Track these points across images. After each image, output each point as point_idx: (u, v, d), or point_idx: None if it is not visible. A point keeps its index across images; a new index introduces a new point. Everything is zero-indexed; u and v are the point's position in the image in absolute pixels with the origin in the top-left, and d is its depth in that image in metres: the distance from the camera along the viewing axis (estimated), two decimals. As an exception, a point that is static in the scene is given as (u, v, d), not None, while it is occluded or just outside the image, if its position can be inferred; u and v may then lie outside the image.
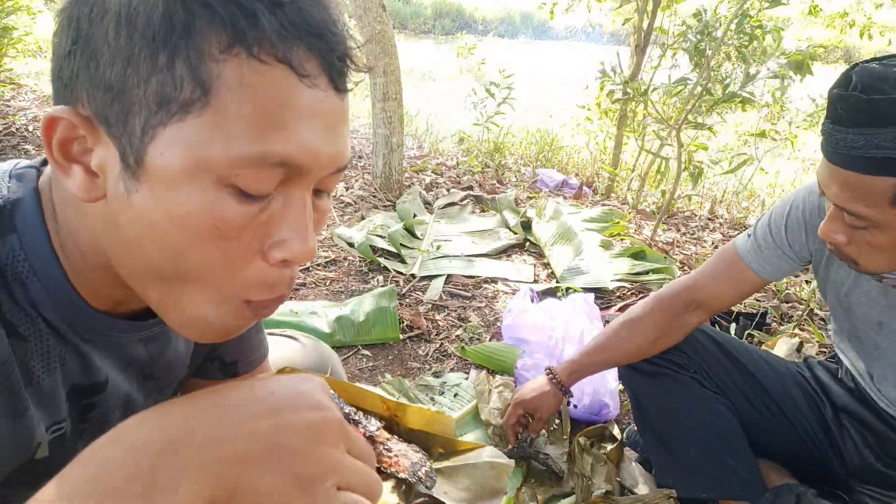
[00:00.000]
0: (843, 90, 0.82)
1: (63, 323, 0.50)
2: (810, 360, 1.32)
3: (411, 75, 8.55)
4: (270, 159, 0.40)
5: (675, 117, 3.07)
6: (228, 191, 0.40)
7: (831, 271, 1.11)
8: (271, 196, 0.42)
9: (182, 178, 0.39)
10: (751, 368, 1.23)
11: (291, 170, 0.41)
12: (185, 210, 0.40)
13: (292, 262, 0.44)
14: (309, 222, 0.44)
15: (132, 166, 0.40)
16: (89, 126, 0.41)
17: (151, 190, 0.40)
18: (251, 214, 0.41)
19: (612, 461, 1.37)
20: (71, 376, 0.52)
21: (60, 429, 0.52)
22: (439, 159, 4.20)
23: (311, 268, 2.42)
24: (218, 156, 0.39)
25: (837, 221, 0.90)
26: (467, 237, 2.85)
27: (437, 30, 16.80)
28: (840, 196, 0.86)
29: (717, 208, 3.78)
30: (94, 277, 0.49)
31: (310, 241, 0.44)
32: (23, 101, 4.57)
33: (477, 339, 2.00)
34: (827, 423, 1.20)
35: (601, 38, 15.51)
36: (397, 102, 3.11)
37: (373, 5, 2.91)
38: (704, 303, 1.19)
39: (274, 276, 0.44)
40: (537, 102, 6.52)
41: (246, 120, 0.39)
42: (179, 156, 0.39)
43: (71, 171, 0.42)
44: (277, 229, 0.43)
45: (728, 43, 2.77)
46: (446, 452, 0.77)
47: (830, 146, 0.86)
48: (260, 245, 0.43)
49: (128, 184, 0.41)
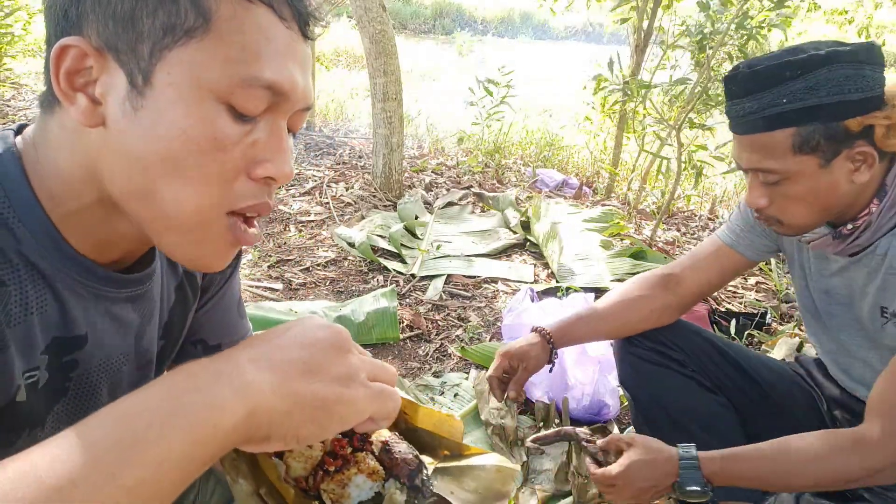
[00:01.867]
0: (733, 73, 0.98)
1: (47, 266, 0.52)
2: (802, 358, 1.33)
3: (411, 75, 8.55)
4: (260, 81, 0.47)
5: (675, 117, 3.07)
6: (224, 108, 0.47)
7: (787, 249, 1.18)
8: (257, 121, 0.49)
9: (185, 95, 0.46)
10: (746, 367, 1.24)
11: (275, 96, 0.48)
12: (189, 122, 0.46)
13: (273, 179, 0.51)
14: (287, 147, 0.51)
15: (139, 86, 0.46)
16: (98, 54, 0.47)
17: (157, 106, 0.46)
18: (242, 132, 0.48)
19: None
20: (50, 326, 0.54)
21: (33, 376, 0.53)
22: (439, 159, 4.20)
23: (311, 268, 2.43)
24: (217, 75, 0.46)
25: (755, 187, 0.99)
26: (467, 237, 2.86)
27: (438, 30, 16.80)
28: (751, 159, 0.97)
29: (717, 208, 3.78)
30: (83, 218, 0.53)
31: (288, 164, 0.51)
32: (23, 101, 4.57)
33: (477, 339, 2.00)
34: (823, 419, 1.21)
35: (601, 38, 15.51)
36: (397, 102, 3.11)
37: (373, 5, 2.91)
38: (685, 280, 1.25)
39: (255, 189, 0.51)
40: (537, 102, 6.52)
41: (239, 47, 0.46)
42: (183, 74, 0.46)
43: (75, 99, 0.47)
44: (262, 152, 0.50)
45: (729, 43, 2.77)
46: (452, 455, 0.77)
47: (733, 120, 0.98)
48: (246, 164, 0.50)
49: (134, 102, 0.46)
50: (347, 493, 0.62)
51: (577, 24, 17.33)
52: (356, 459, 0.64)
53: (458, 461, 0.75)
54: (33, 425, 0.55)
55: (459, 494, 0.71)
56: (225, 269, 0.76)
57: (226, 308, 0.78)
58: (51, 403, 0.57)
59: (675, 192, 3.13)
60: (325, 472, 0.62)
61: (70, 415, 0.59)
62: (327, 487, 0.62)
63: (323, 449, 0.63)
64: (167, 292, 0.68)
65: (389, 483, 0.65)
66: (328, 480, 0.62)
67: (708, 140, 3.20)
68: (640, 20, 3.40)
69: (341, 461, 0.63)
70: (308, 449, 0.63)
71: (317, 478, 0.62)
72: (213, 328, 0.77)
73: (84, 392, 0.60)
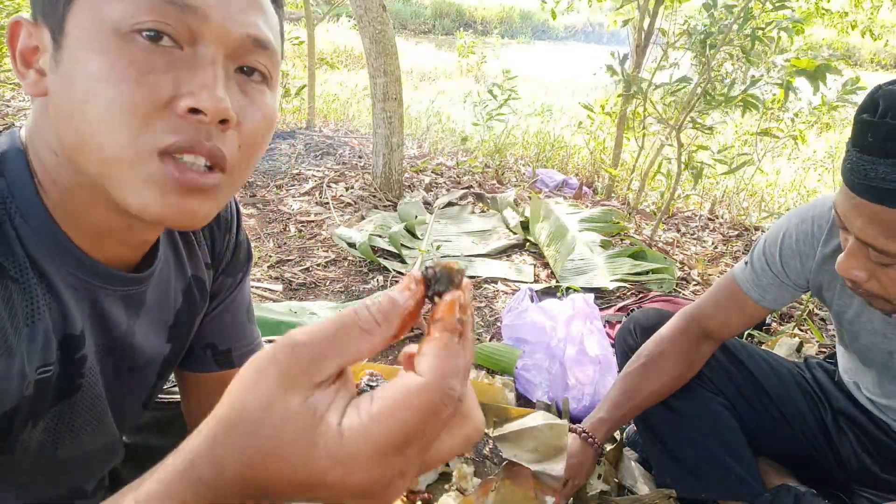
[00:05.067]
0: (872, 116, 0.75)
1: (48, 263, 0.52)
2: (810, 361, 1.32)
3: (411, 75, 8.55)
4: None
5: (676, 117, 3.07)
6: (133, 37, 0.46)
7: (833, 298, 1.09)
8: (180, 52, 0.47)
9: (92, 35, 0.46)
10: (752, 369, 1.24)
11: (186, 15, 0.46)
12: (96, 59, 0.46)
13: (199, 110, 0.47)
14: (216, 78, 0.47)
15: (57, 40, 0.47)
16: (34, 26, 0.50)
17: (71, 53, 0.47)
18: (158, 62, 0.46)
19: (611, 461, 1.37)
20: (59, 323, 0.54)
21: (48, 371, 0.53)
22: (439, 159, 4.20)
23: (311, 268, 2.43)
24: (120, 9, 0.45)
25: (858, 257, 0.83)
26: (467, 237, 2.86)
27: (438, 30, 16.80)
28: (867, 231, 0.79)
29: (717, 208, 3.78)
30: (77, 209, 0.53)
31: (216, 95, 0.47)
32: (23, 101, 4.57)
33: (477, 339, 2.00)
34: (826, 426, 1.20)
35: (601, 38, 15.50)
36: (397, 102, 3.11)
37: (373, 5, 2.91)
38: (715, 332, 1.20)
39: (181, 124, 0.47)
40: (537, 102, 6.52)
41: None
42: (87, 16, 0.46)
43: (27, 74, 0.50)
44: (185, 83, 0.47)
45: (732, 43, 2.77)
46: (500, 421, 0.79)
47: (857, 177, 0.77)
48: (169, 96, 0.47)
49: (56, 57, 0.48)
50: (417, 479, 0.66)
51: (577, 23, 17.33)
52: None
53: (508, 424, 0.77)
54: (36, 418, 0.55)
55: (522, 456, 0.74)
56: (236, 276, 0.76)
57: (235, 313, 0.78)
58: (61, 397, 0.57)
59: (674, 193, 3.13)
60: None
61: (76, 413, 0.59)
62: None
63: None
64: (174, 295, 0.68)
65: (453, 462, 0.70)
66: None
67: (709, 140, 3.20)
68: (641, 20, 3.40)
69: None
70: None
71: None
72: (222, 333, 0.77)
73: (92, 391, 0.60)
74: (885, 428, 1.12)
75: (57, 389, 0.56)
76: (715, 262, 2.83)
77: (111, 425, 0.65)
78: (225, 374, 0.77)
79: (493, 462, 0.68)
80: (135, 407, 0.69)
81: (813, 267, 1.07)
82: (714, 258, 2.90)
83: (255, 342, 0.80)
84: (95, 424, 0.62)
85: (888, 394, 1.10)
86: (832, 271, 1.00)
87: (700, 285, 2.51)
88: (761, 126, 4.42)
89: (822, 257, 1.06)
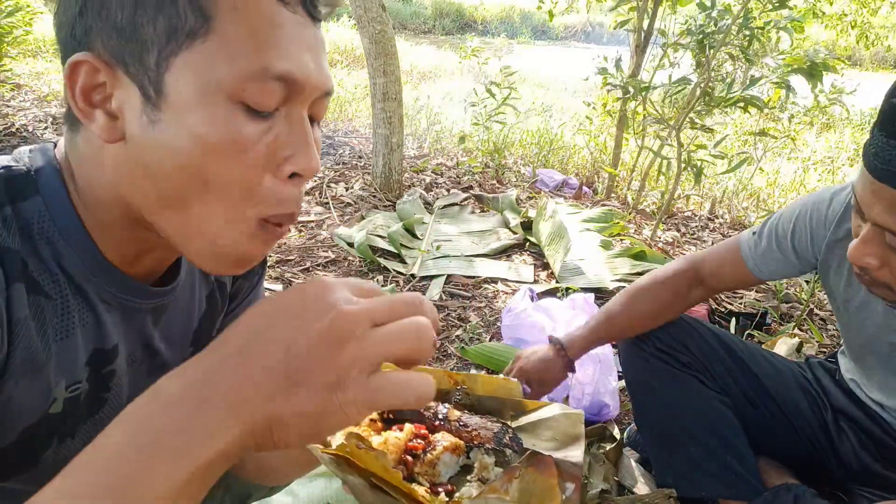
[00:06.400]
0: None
1: (85, 280, 0.53)
2: (811, 360, 1.32)
3: (411, 75, 8.55)
4: (271, 72, 0.45)
5: (675, 117, 3.07)
6: (239, 108, 0.45)
7: (839, 286, 1.09)
8: (275, 115, 0.47)
9: (198, 100, 0.45)
10: (754, 368, 1.24)
11: (289, 85, 0.46)
12: (206, 128, 0.45)
13: (301, 175, 0.49)
14: (310, 138, 0.49)
15: (152, 98, 0.45)
16: (108, 69, 0.46)
17: (173, 116, 0.45)
18: (261, 130, 0.47)
19: (611, 460, 1.37)
20: (89, 338, 0.54)
21: (77, 389, 0.54)
22: (439, 159, 4.20)
23: (311, 268, 2.43)
24: (225, 74, 0.44)
25: (873, 243, 0.82)
26: (467, 237, 2.86)
27: (438, 30, 16.80)
28: (885, 217, 0.78)
29: (717, 208, 3.78)
30: (114, 230, 0.53)
31: (313, 156, 0.49)
32: (23, 100, 4.57)
33: (477, 339, 2.00)
34: (826, 425, 1.20)
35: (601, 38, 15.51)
36: (397, 102, 3.11)
37: (373, 5, 2.91)
38: (706, 280, 1.23)
39: (285, 192, 0.49)
40: (537, 102, 6.52)
41: (244, 40, 0.45)
42: (192, 80, 0.44)
43: (94, 116, 0.47)
44: (284, 147, 0.48)
45: (731, 43, 2.77)
46: (516, 414, 0.83)
47: (881, 161, 0.76)
48: (270, 162, 0.48)
49: (151, 116, 0.46)
50: (438, 471, 0.72)
51: (576, 24, 17.33)
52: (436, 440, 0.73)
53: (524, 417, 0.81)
54: (63, 436, 0.56)
55: (540, 445, 0.78)
56: (252, 277, 0.78)
57: None
58: (90, 414, 0.57)
59: (674, 193, 3.13)
60: (413, 457, 0.71)
61: (97, 426, 0.60)
62: (420, 470, 0.71)
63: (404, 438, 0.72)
64: (199, 301, 0.69)
65: (474, 452, 0.76)
66: (420, 464, 0.71)
67: (709, 140, 3.20)
68: (641, 20, 3.40)
69: (424, 443, 0.73)
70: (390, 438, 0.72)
71: (408, 465, 0.71)
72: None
73: (117, 402, 0.60)
74: (887, 427, 1.12)
75: (86, 409, 0.56)
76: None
77: None
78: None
79: (514, 450, 0.72)
80: None
81: (823, 248, 1.08)
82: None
83: None
84: None
85: (890, 390, 1.10)
86: (842, 256, 1.01)
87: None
88: (760, 126, 4.42)
89: (832, 240, 1.07)
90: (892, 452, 1.12)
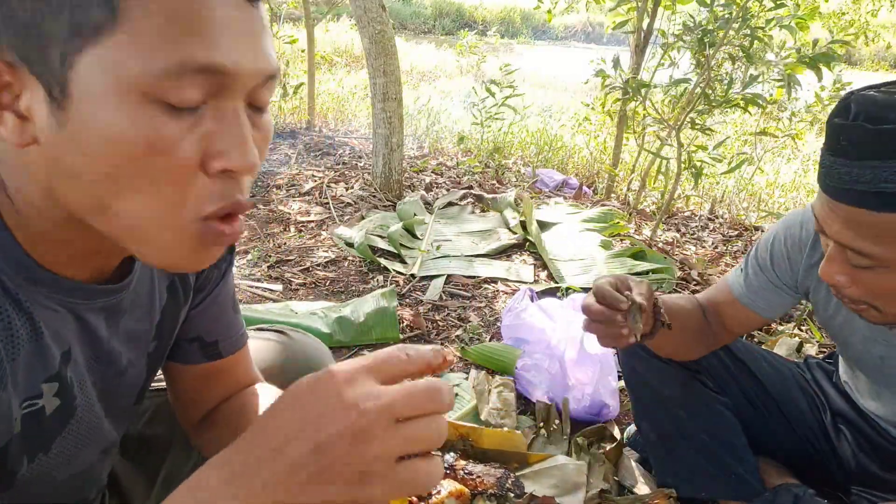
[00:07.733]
0: (845, 119, 0.76)
1: (22, 290, 0.49)
2: (810, 361, 1.32)
3: (411, 75, 8.55)
4: (190, 66, 0.41)
5: (675, 118, 3.07)
6: (156, 106, 0.41)
7: (819, 305, 1.08)
8: (202, 109, 0.43)
9: (108, 99, 0.41)
10: (753, 369, 1.24)
11: (215, 77, 0.42)
12: (117, 130, 0.41)
13: (234, 171, 0.45)
14: (245, 132, 0.45)
15: (58, 98, 0.41)
16: (12, 70, 0.42)
17: (81, 117, 0.41)
18: (184, 127, 0.43)
19: (611, 461, 1.37)
20: (41, 351, 0.52)
21: (34, 404, 0.52)
22: (439, 159, 4.20)
23: (310, 268, 2.43)
24: (138, 72, 0.40)
25: (838, 261, 0.83)
26: (467, 237, 2.86)
27: (438, 30, 16.81)
28: (844, 234, 0.79)
29: (717, 208, 3.78)
30: (52, 233, 0.49)
31: (248, 151, 0.45)
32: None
33: (477, 339, 2.00)
34: (825, 427, 1.20)
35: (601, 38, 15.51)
36: (397, 102, 3.11)
37: (373, 5, 2.91)
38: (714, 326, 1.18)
39: (219, 188, 0.45)
40: (537, 102, 6.52)
41: (159, 32, 0.40)
42: (101, 78, 0.40)
43: (3, 119, 0.43)
44: (214, 143, 0.44)
45: (731, 42, 2.77)
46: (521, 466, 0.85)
47: (832, 180, 0.78)
48: (199, 160, 0.44)
49: (58, 117, 0.42)
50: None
51: (576, 24, 17.33)
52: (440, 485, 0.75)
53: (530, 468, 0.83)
54: (33, 453, 0.54)
55: (541, 491, 0.79)
56: (220, 267, 0.75)
57: (221, 305, 0.77)
58: (62, 426, 0.56)
59: (674, 193, 3.13)
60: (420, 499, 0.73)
61: (76, 435, 0.59)
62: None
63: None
64: (159, 293, 0.67)
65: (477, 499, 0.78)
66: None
67: (709, 140, 3.20)
68: (640, 20, 3.40)
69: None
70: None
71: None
72: (209, 325, 0.76)
73: (88, 408, 0.59)
74: (883, 432, 1.12)
75: (57, 421, 0.55)
76: (715, 263, 2.83)
77: (109, 430, 0.65)
78: (212, 365, 0.77)
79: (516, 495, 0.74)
80: (128, 407, 0.69)
81: (801, 271, 1.07)
82: (714, 258, 2.90)
83: (241, 332, 0.80)
84: (94, 437, 0.62)
85: (883, 400, 1.10)
86: (819, 277, 1.00)
87: (700, 285, 2.51)
88: (760, 126, 4.42)
89: (808, 264, 1.06)
90: (889, 456, 1.12)
